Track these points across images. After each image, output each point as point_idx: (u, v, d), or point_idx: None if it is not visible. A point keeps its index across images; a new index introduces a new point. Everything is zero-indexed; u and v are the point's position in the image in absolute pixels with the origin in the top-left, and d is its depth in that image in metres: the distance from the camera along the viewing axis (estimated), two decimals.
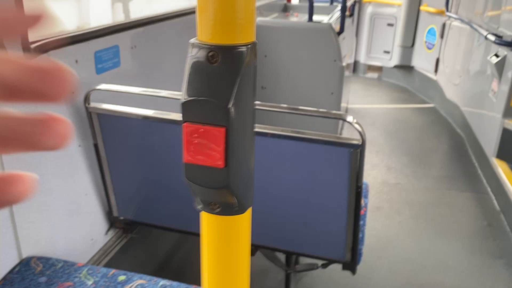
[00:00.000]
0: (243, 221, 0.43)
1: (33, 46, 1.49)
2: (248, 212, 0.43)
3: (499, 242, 2.67)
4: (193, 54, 0.37)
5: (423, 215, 2.96)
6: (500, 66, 3.19)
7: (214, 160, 0.37)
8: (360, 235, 1.72)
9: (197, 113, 0.36)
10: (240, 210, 0.41)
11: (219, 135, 0.36)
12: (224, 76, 0.35)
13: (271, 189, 1.59)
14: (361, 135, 1.40)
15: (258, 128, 1.46)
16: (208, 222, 0.42)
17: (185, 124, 0.37)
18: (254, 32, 0.37)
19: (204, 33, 0.36)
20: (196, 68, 0.36)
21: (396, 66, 6.13)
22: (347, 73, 3.71)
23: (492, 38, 3.25)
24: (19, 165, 1.47)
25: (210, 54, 0.36)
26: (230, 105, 0.35)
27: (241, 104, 0.36)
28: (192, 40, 0.37)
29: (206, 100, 0.36)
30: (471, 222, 2.88)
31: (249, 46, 0.36)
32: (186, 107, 0.37)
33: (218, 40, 0.36)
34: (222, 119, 0.36)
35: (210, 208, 0.41)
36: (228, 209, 0.40)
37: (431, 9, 5.39)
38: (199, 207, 0.41)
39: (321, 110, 1.53)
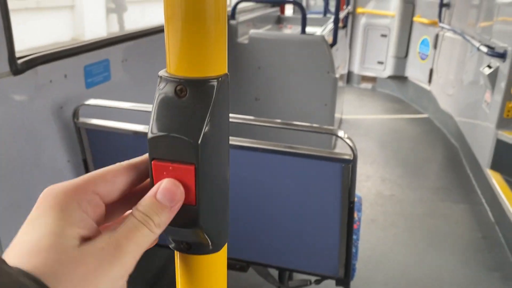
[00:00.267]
0: (218, 259, 0.41)
1: (20, 61, 1.47)
2: (224, 250, 0.41)
3: (494, 254, 2.65)
4: (161, 88, 0.35)
5: (418, 227, 2.94)
6: (492, 77, 3.20)
7: (184, 200, 0.35)
8: (354, 250, 1.70)
9: (165, 150, 0.34)
10: (214, 249, 0.39)
11: (189, 173, 0.34)
12: (193, 111, 0.34)
13: (263, 205, 1.57)
14: (353, 150, 1.38)
15: (249, 143, 1.44)
16: (181, 261, 0.40)
17: (153, 161, 0.35)
18: (225, 64, 0.36)
19: (173, 65, 0.35)
20: (164, 102, 0.34)
21: (390, 77, 6.15)
22: (340, 84, 3.71)
23: (485, 49, 3.26)
24: (7, 182, 1.45)
25: (178, 88, 0.34)
26: (199, 142, 0.34)
27: (212, 141, 0.34)
28: (161, 73, 0.35)
29: (174, 137, 0.34)
30: (466, 234, 2.86)
31: (220, 79, 0.35)
32: (153, 143, 0.35)
33: (187, 73, 0.34)
34: (191, 156, 0.34)
35: (183, 247, 0.39)
36: (202, 248, 0.39)
37: (424, 20, 5.43)
38: (171, 246, 0.40)
39: (312, 125, 1.52)
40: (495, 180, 3.01)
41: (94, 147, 1.72)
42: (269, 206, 1.57)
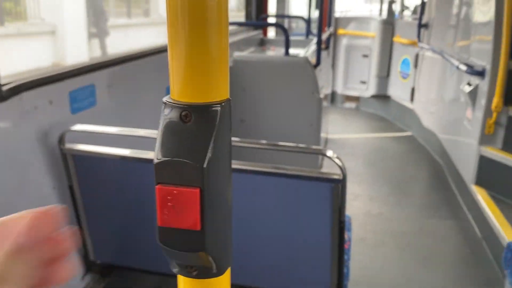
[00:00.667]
0: (222, 283, 0.40)
1: (5, 88, 1.45)
2: (227, 273, 0.40)
3: (483, 270, 2.66)
4: (166, 114, 0.35)
5: (407, 245, 2.95)
6: (473, 95, 3.27)
7: (189, 223, 0.35)
8: (345, 270, 1.69)
9: (171, 174, 0.35)
10: (219, 272, 0.38)
11: (194, 196, 0.34)
12: (198, 135, 0.34)
13: (252, 227, 1.56)
14: (342, 169, 1.39)
15: (237, 164, 1.44)
16: (185, 286, 0.40)
17: (158, 186, 0.35)
18: (227, 89, 0.36)
19: (177, 91, 0.35)
20: (169, 128, 0.35)
21: (373, 96, 6.25)
22: (325, 104, 3.75)
23: (464, 68, 3.34)
24: None
25: (183, 113, 0.34)
26: (204, 165, 0.34)
27: (216, 164, 0.34)
28: (165, 99, 0.36)
29: (180, 161, 0.34)
30: (454, 251, 2.88)
31: (223, 104, 0.35)
32: (159, 168, 0.35)
33: (191, 99, 0.34)
34: (196, 180, 0.34)
35: (187, 271, 0.38)
36: (206, 271, 0.38)
37: (404, 40, 5.56)
38: (175, 270, 0.39)
39: (300, 145, 1.52)
40: (480, 195, 3.05)
41: (80, 173, 1.69)
42: (259, 228, 1.56)
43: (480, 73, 3.14)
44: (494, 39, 2.98)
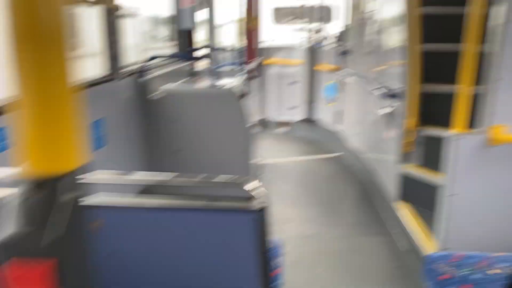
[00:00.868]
0: None
1: None
2: None
3: (410, 283, 2.80)
4: (16, 189, 0.36)
5: (340, 264, 3.05)
6: (391, 116, 3.50)
7: None
8: None
9: (22, 249, 0.34)
10: None
11: (47, 269, 0.34)
12: (47, 208, 0.35)
13: (175, 266, 1.55)
14: (264, 199, 1.43)
15: (156, 204, 1.41)
16: None
17: (9, 262, 0.35)
18: (75, 158, 0.38)
19: (25, 164, 0.36)
20: (21, 202, 0.35)
21: (303, 120, 6.50)
22: (256, 130, 3.84)
23: (381, 91, 3.58)
24: None
25: (32, 187, 0.35)
26: (54, 238, 0.34)
27: (69, 235, 0.35)
28: (15, 174, 0.36)
29: (29, 235, 0.35)
30: (383, 265, 3.01)
31: (70, 174, 0.36)
32: (10, 243, 0.35)
33: (40, 172, 0.36)
34: (48, 253, 0.34)
35: None
36: None
37: (328, 67, 5.86)
38: None
39: (220, 181, 1.52)
40: (403, 211, 3.24)
41: None
42: (185, 265, 1.55)
43: (396, 96, 3.38)
44: (407, 64, 3.22)
